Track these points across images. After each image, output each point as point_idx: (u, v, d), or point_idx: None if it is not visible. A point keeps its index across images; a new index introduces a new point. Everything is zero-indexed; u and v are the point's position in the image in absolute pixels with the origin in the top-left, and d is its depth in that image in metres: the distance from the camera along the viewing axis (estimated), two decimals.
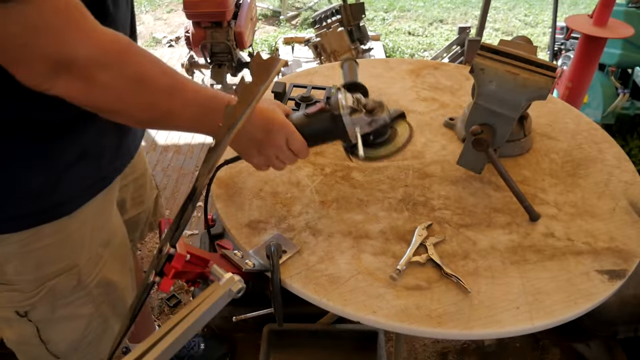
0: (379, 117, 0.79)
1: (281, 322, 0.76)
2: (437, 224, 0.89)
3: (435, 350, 1.76)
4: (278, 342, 1.31)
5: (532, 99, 0.90)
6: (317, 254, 0.83)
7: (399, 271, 0.78)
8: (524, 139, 1.06)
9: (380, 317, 0.73)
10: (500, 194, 0.96)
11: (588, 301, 0.77)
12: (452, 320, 0.73)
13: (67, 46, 0.57)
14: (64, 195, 0.78)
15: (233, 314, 0.95)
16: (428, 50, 4.13)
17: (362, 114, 0.79)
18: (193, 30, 2.85)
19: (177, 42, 4.05)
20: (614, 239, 0.87)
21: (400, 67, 1.38)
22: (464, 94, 1.27)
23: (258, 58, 0.63)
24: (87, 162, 0.80)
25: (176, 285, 1.97)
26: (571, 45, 2.93)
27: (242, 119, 0.62)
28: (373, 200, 0.94)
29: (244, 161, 1.02)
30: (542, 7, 5.12)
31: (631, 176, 1.02)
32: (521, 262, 0.83)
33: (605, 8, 2.06)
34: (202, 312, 0.62)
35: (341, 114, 0.79)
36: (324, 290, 0.77)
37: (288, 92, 1.19)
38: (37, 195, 0.75)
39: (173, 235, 0.64)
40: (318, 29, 3.29)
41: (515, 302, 0.76)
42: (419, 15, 4.80)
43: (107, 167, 0.86)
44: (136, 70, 0.64)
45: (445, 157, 1.06)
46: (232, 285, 0.64)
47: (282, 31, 4.32)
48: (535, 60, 0.92)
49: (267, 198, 0.94)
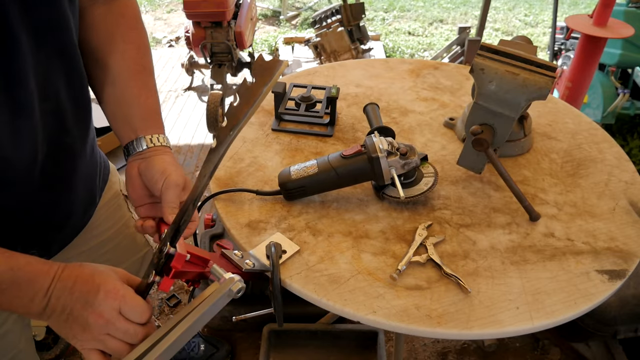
0: (411, 160, 0.86)
1: (281, 322, 0.76)
2: (437, 224, 0.89)
3: (435, 350, 1.76)
4: (278, 342, 1.31)
5: (532, 99, 0.90)
6: (317, 254, 0.83)
7: (399, 271, 0.78)
8: (524, 139, 1.06)
9: (380, 317, 0.73)
10: (500, 194, 0.96)
11: (588, 301, 0.77)
12: (452, 320, 0.73)
13: None
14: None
15: (233, 314, 0.95)
16: (428, 50, 4.13)
17: (397, 157, 0.86)
18: (193, 30, 2.85)
19: (177, 42, 4.05)
20: (614, 239, 0.87)
21: (400, 67, 1.38)
22: (464, 94, 1.27)
23: (260, 60, 0.63)
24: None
25: (176, 285, 1.97)
26: (571, 45, 2.93)
27: (246, 118, 0.62)
28: (373, 200, 0.94)
29: (243, 161, 1.02)
30: (542, 7, 5.12)
31: (631, 176, 1.02)
32: (521, 262, 0.83)
33: (605, 8, 2.06)
34: (202, 312, 0.62)
35: (379, 156, 0.85)
36: (324, 290, 0.77)
37: (288, 92, 1.19)
38: None
39: (173, 235, 0.64)
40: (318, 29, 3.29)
41: (515, 302, 0.76)
42: (419, 15, 4.80)
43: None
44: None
45: (445, 157, 1.06)
46: (232, 285, 0.64)
47: (282, 31, 4.32)
48: (535, 60, 0.92)
49: (267, 198, 0.94)
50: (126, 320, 0.62)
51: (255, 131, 1.11)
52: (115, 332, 0.62)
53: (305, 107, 1.14)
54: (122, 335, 0.62)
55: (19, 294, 0.60)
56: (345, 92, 1.26)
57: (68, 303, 0.61)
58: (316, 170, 0.88)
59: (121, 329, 0.62)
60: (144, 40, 0.86)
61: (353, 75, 1.33)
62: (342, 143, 1.09)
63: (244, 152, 1.05)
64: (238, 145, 1.07)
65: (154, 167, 0.77)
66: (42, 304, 0.61)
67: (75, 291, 0.62)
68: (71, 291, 0.61)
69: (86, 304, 0.61)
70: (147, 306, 0.64)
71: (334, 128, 1.13)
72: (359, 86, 1.29)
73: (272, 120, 1.15)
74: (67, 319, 0.62)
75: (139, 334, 0.63)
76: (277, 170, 0.98)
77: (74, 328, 0.62)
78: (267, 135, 1.11)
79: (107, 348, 0.63)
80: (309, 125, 1.14)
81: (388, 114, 1.18)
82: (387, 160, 0.86)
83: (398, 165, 0.86)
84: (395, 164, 0.86)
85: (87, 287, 0.62)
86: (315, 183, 0.89)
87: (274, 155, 1.04)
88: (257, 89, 0.61)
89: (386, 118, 1.17)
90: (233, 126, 0.61)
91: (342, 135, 1.12)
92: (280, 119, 1.14)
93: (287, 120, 1.15)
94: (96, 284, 0.62)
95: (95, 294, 0.61)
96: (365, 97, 1.24)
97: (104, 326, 0.61)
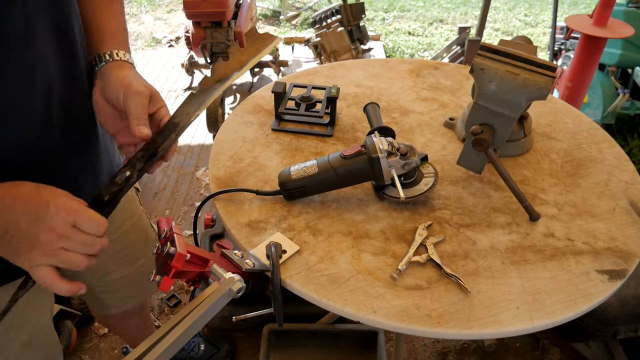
0: (411, 160, 0.86)
1: (281, 322, 0.76)
2: (437, 224, 0.89)
3: (435, 350, 1.76)
4: (278, 342, 1.31)
5: (532, 99, 0.90)
6: (317, 254, 0.83)
7: (399, 271, 0.78)
8: (524, 139, 1.06)
9: (380, 317, 0.73)
10: (500, 194, 0.96)
11: (588, 301, 0.77)
12: (452, 320, 0.73)
13: None
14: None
15: (233, 314, 0.95)
16: (428, 50, 4.13)
17: (397, 157, 0.86)
18: (193, 30, 2.85)
19: (177, 42, 4.05)
20: (614, 239, 0.87)
21: (400, 67, 1.38)
22: (464, 94, 1.27)
23: (254, 30, 0.64)
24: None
25: (176, 285, 1.97)
26: (571, 45, 2.93)
27: (233, 78, 0.62)
28: (373, 200, 0.94)
29: (243, 161, 1.02)
30: (542, 7, 5.12)
31: (631, 176, 1.02)
32: (521, 262, 0.83)
33: (605, 8, 2.06)
34: (202, 312, 0.62)
35: (379, 156, 0.85)
36: (324, 290, 0.77)
37: (288, 92, 1.19)
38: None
39: (148, 158, 0.62)
40: (318, 29, 3.29)
41: (515, 302, 0.76)
42: (419, 15, 4.80)
43: None
44: None
45: (445, 157, 1.06)
46: (232, 285, 0.64)
47: (282, 31, 4.32)
48: (535, 60, 0.92)
49: (267, 198, 0.93)
50: (82, 232, 0.60)
51: (255, 131, 1.11)
52: (72, 245, 0.60)
53: (305, 107, 1.14)
54: (79, 247, 0.60)
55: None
56: (345, 92, 1.26)
57: (10, 222, 0.58)
58: (316, 171, 0.88)
59: (78, 241, 0.60)
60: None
61: (353, 75, 1.33)
62: (342, 143, 1.09)
63: (244, 152, 1.05)
64: (238, 145, 1.07)
65: (112, 79, 0.72)
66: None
67: (17, 209, 0.58)
68: (11, 209, 0.58)
69: (35, 220, 0.58)
70: (103, 219, 0.62)
71: (334, 128, 1.13)
72: (359, 86, 1.29)
73: (272, 120, 1.15)
74: (11, 239, 0.58)
75: (97, 244, 0.61)
76: (277, 170, 0.98)
77: (20, 247, 0.59)
78: (267, 135, 1.11)
79: (61, 262, 0.60)
80: (309, 125, 1.14)
81: (388, 114, 1.18)
82: (387, 161, 0.86)
83: (398, 165, 0.86)
84: (395, 164, 0.86)
85: (34, 203, 0.59)
86: (315, 183, 0.89)
87: (274, 155, 1.04)
88: (248, 55, 0.62)
89: (386, 118, 1.17)
90: (219, 80, 0.61)
91: (342, 135, 1.12)
92: (280, 119, 1.14)
93: (287, 120, 1.15)
94: (44, 200, 0.59)
95: (45, 209, 0.58)
96: (365, 97, 1.24)
97: (56, 241, 0.59)
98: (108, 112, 0.74)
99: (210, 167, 1.01)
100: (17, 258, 0.60)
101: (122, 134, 0.75)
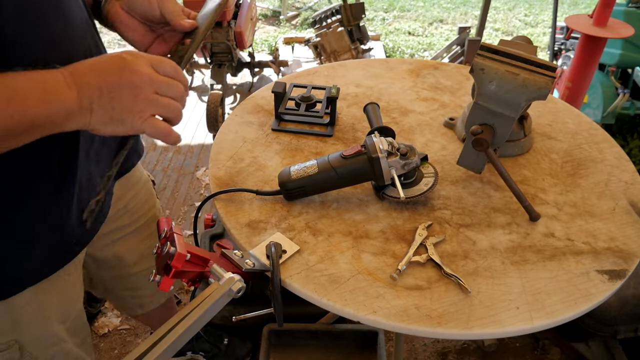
0: (411, 160, 0.86)
1: (281, 322, 0.76)
2: (437, 224, 0.89)
3: (435, 350, 1.76)
4: (278, 342, 1.31)
5: (532, 99, 0.90)
6: (317, 254, 0.83)
7: (399, 271, 0.78)
8: (524, 139, 1.06)
9: (380, 317, 0.73)
10: (500, 194, 0.96)
11: (588, 301, 0.77)
12: (452, 320, 0.73)
13: None
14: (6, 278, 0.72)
15: (233, 314, 0.95)
16: (428, 50, 4.13)
17: (397, 157, 0.86)
18: None
19: None
20: (614, 239, 0.87)
21: (400, 67, 1.38)
22: (464, 94, 1.27)
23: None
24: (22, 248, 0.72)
25: (176, 285, 1.97)
26: (571, 45, 2.93)
27: None
28: (373, 200, 0.94)
29: (243, 161, 1.02)
30: (542, 7, 5.12)
31: (631, 176, 1.02)
32: (521, 262, 0.83)
33: (605, 8, 2.06)
34: (202, 312, 0.62)
35: (379, 157, 0.85)
36: (324, 290, 0.77)
37: (288, 92, 1.19)
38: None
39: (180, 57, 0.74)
40: (318, 29, 3.29)
41: (515, 302, 0.76)
42: (419, 15, 4.80)
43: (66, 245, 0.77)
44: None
45: (445, 157, 1.06)
46: (232, 285, 0.64)
47: (282, 31, 4.32)
48: (535, 60, 0.92)
49: (267, 198, 0.94)
50: (164, 75, 0.63)
51: (255, 131, 1.12)
52: (160, 87, 0.62)
53: (305, 107, 1.14)
54: (167, 89, 0.63)
55: (44, 96, 0.56)
56: (345, 92, 1.26)
57: (99, 81, 0.59)
58: (316, 171, 0.88)
59: (164, 82, 0.62)
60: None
61: (353, 75, 1.33)
62: (342, 143, 1.09)
63: (244, 152, 1.05)
64: (238, 145, 1.07)
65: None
66: (71, 94, 0.57)
67: (97, 68, 0.59)
68: (93, 70, 0.59)
69: (119, 70, 0.60)
70: (173, 62, 0.65)
71: (334, 128, 1.13)
72: (359, 86, 1.29)
73: (272, 120, 1.15)
74: (112, 96, 0.59)
75: (180, 85, 0.64)
76: (277, 170, 0.98)
77: (123, 100, 0.60)
78: (267, 135, 1.11)
79: (164, 109, 0.63)
80: (309, 125, 1.14)
81: (388, 114, 1.18)
82: (387, 161, 0.86)
83: (398, 165, 0.86)
84: (395, 164, 0.86)
85: (108, 59, 0.61)
86: (315, 183, 0.89)
87: (274, 155, 1.04)
88: None
89: (386, 118, 1.17)
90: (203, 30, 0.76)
91: (342, 135, 1.12)
92: (280, 119, 1.14)
93: (287, 120, 1.15)
94: (116, 55, 0.61)
95: (122, 59, 0.60)
96: (365, 97, 1.24)
97: (149, 82, 0.61)
98: (137, 27, 0.77)
99: (210, 167, 1.01)
100: (128, 114, 0.61)
101: (154, 46, 0.78)
